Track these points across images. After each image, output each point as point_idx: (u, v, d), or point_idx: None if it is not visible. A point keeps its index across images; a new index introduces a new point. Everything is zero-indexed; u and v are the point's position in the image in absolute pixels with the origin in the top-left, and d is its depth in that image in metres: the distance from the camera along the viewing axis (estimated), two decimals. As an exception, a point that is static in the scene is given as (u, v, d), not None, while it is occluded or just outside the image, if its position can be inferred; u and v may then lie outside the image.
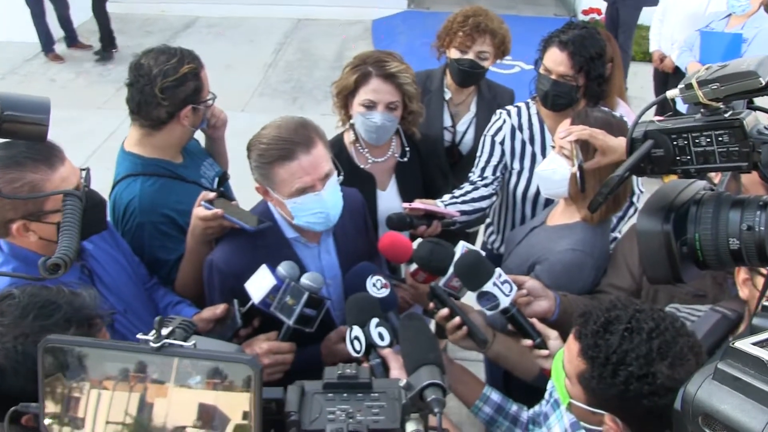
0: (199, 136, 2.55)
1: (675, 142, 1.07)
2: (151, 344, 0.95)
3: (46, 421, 0.97)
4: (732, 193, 1.12)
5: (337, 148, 2.52)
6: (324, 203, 1.86)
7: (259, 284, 1.79)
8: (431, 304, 1.87)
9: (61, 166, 1.70)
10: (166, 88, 2.13)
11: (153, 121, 2.20)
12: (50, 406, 0.96)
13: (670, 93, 1.10)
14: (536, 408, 1.89)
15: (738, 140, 1.01)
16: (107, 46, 8.60)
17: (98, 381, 0.97)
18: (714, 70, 1.00)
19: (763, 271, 1.44)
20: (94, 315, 1.39)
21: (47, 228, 1.69)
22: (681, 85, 1.04)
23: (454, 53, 2.91)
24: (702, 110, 1.04)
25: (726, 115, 1.02)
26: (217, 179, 2.48)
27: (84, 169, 1.76)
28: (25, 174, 1.63)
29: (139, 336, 0.97)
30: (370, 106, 2.38)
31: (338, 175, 1.96)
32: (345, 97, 2.47)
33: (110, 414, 0.96)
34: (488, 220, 3.04)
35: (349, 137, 2.60)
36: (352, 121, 2.49)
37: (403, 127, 2.57)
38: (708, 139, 1.04)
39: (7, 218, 1.66)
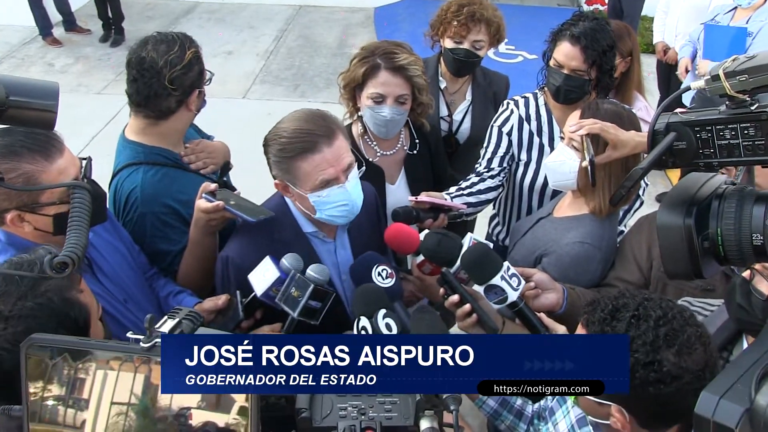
0: (201, 126, 2.51)
1: (698, 135, 1.05)
2: (142, 344, 0.92)
3: (49, 403, 0.96)
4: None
5: None
6: (349, 195, 1.84)
7: (262, 276, 1.77)
8: (441, 290, 1.85)
9: (60, 157, 1.66)
10: (175, 78, 2.10)
11: (161, 112, 2.16)
12: (55, 389, 0.96)
13: (695, 84, 1.07)
14: (542, 402, 1.87)
15: (764, 133, 0.99)
16: (119, 29, 8.50)
17: (105, 361, 0.96)
18: (741, 61, 0.98)
19: (757, 266, 1.43)
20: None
21: (42, 219, 1.66)
22: (707, 77, 1.01)
23: (448, 43, 2.87)
24: (727, 102, 1.01)
25: (752, 108, 0.99)
26: (219, 169, 2.44)
27: (84, 159, 1.73)
28: (20, 165, 1.59)
29: (129, 335, 0.95)
30: (379, 100, 2.35)
31: (359, 167, 1.93)
32: (353, 90, 2.43)
33: (115, 395, 0.95)
34: (493, 211, 3.02)
35: (357, 129, 2.56)
36: (360, 114, 2.46)
37: (412, 118, 2.53)
38: (733, 132, 1.01)
39: (1, 208, 1.63)
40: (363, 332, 1.60)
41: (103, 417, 0.95)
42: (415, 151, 2.61)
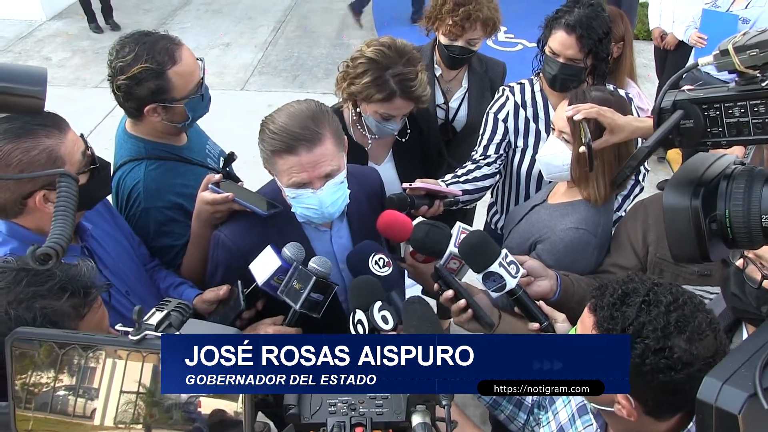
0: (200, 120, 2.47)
1: (706, 113, 1.02)
2: (131, 337, 0.92)
3: (60, 393, 0.96)
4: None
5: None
6: (320, 202, 1.78)
7: (264, 265, 1.76)
8: (436, 285, 1.83)
9: (69, 129, 1.66)
10: (121, 86, 2.03)
11: (130, 113, 2.13)
12: (66, 379, 0.96)
13: (703, 60, 1.04)
14: (541, 392, 1.85)
15: None
16: (109, 18, 8.43)
17: (113, 350, 0.96)
18: (752, 35, 0.94)
19: (750, 255, 1.41)
20: (90, 285, 1.37)
21: None
22: (716, 51, 0.98)
23: (443, 39, 2.84)
24: (737, 78, 0.98)
25: (763, 84, 0.96)
26: (222, 159, 2.39)
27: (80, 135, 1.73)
28: (39, 140, 1.58)
29: (118, 327, 0.94)
30: (388, 117, 2.35)
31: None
32: (355, 94, 2.37)
33: (124, 383, 0.96)
34: (491, 199, 3.00)
35: (349, 115, 2.52)
36: (359, 111, 2.43)
37: None
38: (742, 110, 0.98)
39: (26, 192, 1.60)
40: (359, 326, 1.59)
41: (112, 406, 0.95)
42: (404, 139, 2.59)
